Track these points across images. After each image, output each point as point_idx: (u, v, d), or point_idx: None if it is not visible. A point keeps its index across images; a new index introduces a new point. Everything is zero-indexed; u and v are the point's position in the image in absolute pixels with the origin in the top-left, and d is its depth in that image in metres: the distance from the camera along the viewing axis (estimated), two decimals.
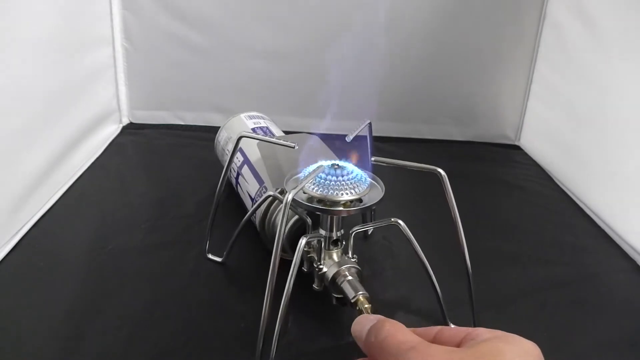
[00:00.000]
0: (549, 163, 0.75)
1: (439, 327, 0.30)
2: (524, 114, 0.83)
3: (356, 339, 0.30)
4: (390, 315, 0.43)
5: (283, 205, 0.34)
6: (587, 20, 0.67)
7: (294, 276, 0.34)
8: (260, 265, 0.33)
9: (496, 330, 0.27)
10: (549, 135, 0.77)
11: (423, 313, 0.43)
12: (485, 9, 0.77)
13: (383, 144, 0.77)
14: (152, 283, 0.46)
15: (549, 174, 0.74)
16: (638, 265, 0.53)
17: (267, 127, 0.59)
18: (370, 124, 0.45)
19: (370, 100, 0.81)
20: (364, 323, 0.29)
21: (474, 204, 0.62)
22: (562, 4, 0.73)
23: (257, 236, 0.48)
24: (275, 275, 0.33)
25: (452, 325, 0.41)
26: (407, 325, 0.42)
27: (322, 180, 0.37)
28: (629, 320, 0.45)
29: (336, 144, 0.51)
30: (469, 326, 0.39)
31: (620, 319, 0.45)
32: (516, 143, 0.85)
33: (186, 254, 0.49)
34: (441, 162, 0.73)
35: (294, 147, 0.39)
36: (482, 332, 0.27)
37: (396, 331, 0.27)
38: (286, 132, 0.62)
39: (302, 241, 0.36)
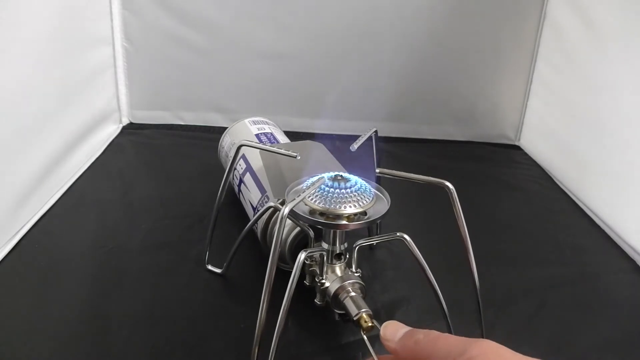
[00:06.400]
0: (549, 163, 0.75)
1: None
2: (524, 114, 0.83)
3: (386, 340, 0.30)
4: (390, 316, 0.43)
5: (279, 219, 0.32)
6: (587, 20, 0.67)
7: (292, 292, 0.33)
8: (261, 273, 0.32)
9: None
10: (549, 135, 0.77)
11: (423, 314, 0.43)
12: (485, 9, 0.77)
13: (383, 144, 0.77)
14: (152, 283, 0.46)
15: (549, 174, 0.74)
16: (638, 265, 0.53)
17: (271, 134, 0.58)
18: (376, 132, 0.43)
19: (371, 100, 0.81)
20: (398, 327, 0.30)
21: (473, 204, 0.62)
22: (562, 4, 0.73)
23: (259, 245, 0.48)
24: (269, 292, 0.32)
25: None
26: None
27: (325, 193, 0.36)
28: (629, 320, 0.45)
29: (336, 144, 0.51)
30: None
31: (620, 319, 0.45)
32: (516, 143, 0.85)
33: (186, 254, 0.49)
34: (441, 162, 0.75)
35: (295, 157, 0.38)
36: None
37: (445, 334, 0.27)
38: (287, 133, 0.62)
39: (302, 256, 0.35)
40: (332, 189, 0.36)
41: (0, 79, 0.48)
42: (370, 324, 0.34)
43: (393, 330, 0.29)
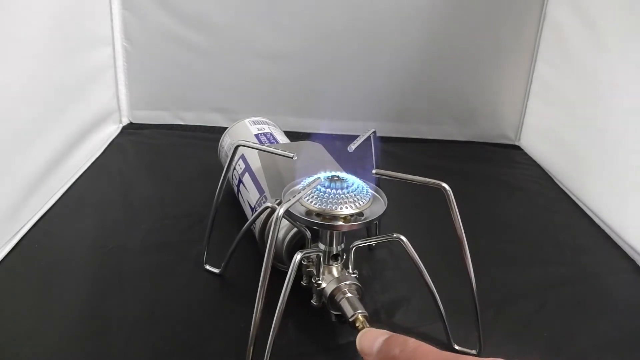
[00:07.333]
0: (549, 163, 0.75)
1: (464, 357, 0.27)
2: (524, 114, 0.83)
3: (363, 354, 0.29)
4: (390, 315, 0.43)
5: (273, 220, 0.32)
6: (587, 20, 0.67)
7: (287, 293, 0.33)
8: (260, 273, 0.32)
9: None
10: (549, 135, 0.77)
11: (423, 314, 0.43)
12: (485, 9, 0.77)
13: (383, 144, 0.76)
14: (152, 283, 0.46)
15: (549, 174, 0.74)
16: (638, 265, 0.53)
17: (270, 134, 0.58)
18: (374, 132, 0.43)
19: (371, 100, 0.81)
20: (375, 336, 0.28)
21: (473, 204, 0.62)
22: (562, 4, 0.73)
23: (258, 245, 0.47)
24: (264, 292, 0.32)
25: (457, 347, 0.40)
26: (407, 327, 0.42)
27: (321, 193, 0.36)
28: (629, 320, 0.45)
29: (337, 144, 0.51)
30: (474, 349, 0.39)
31: (620, 319, 0.45)
32: (516, 143, 0.85)
33: (186, 254, 0.49)
34: (441, 162, 0.75)
35: (292, 157, 0.38)
36: None
37: (423, 344, 0.26)
38: (287, 133, 0.62)
39: (297, 257, 0.35)
40: (328, 190, 0.36)
41: (0, 79, 0.48)
42: (366, 325, 0.34)
43: (369, 342, 0.28)
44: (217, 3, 0.76)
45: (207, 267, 0.47)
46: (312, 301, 0.39)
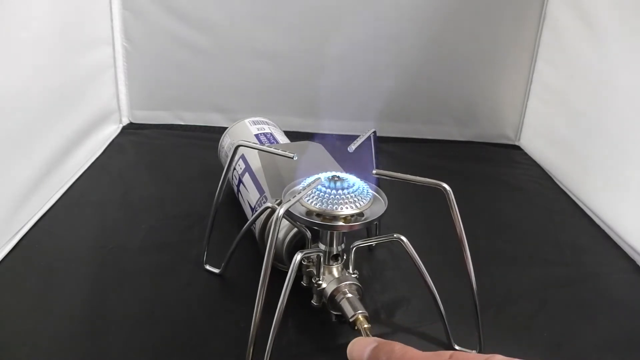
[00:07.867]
0: (549, 163, 0.75)
1: (450, 352, 0.27)
2: (524, 114, 0.83)
3: None
4: (390, 315, 0.43)
5: (274, 220, 0.32)
6: (587, 20, 0.67)
7: (287, 293, 0.33)
8: (260, 273, 0.32)
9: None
10: (549, 135, 0.77)
11: (423, 314, 0.43)
12: (485, 9, 0.77)
13: (383, 144, 0.77)
14: (152, 283, 0.46)
15: (549, 174, 0.74)
16: (638, 265, 0.53)
17: (270, 134, 0.58)
18: (374, 132, 0.43)
19: (371, 100, 0.81)
20: (364, 345, 0.29)
21: (473, 204, 0.62)
22: (562, 4, 0.73)
23: (258, 245, 0.47)
24: (264, 292, 0.32)
25: (457, 347, 0.40)
26: (407, 327, 0.42)
27: (322, 194, 0.36)
28: (629, 320, 0.45)
29: (337, 144, 0.51)
30: (474, 349, 0.39)
31: (620, 319, 0.45)
32: (516, 143, 0.85)
33: (186, 254, 0.49)
34: (441, 162, 0.75)
35: (292, 158, 0.38)
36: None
37: (410, 349, 0.26)
38: (287, 133, 0.62)
39: (297, 257, 0.35)
40: (329, 190, 0.36)
41: (0, 79, 0.48)
42: (366, 325, 0.34)
43: (359, 353, 0.28)
44: (217, 3, 0.76)
45: (207, 267, 0.47)
46: (312, 301, 0.39)
